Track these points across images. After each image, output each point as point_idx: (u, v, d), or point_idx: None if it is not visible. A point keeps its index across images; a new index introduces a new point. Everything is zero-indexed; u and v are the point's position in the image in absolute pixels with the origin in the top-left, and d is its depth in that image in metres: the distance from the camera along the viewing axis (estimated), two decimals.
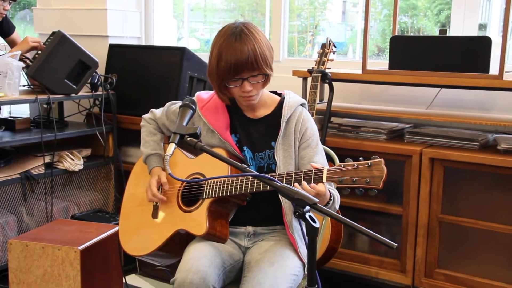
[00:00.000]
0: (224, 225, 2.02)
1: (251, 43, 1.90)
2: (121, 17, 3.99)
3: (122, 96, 3.58)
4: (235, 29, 1.93)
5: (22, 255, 2.52)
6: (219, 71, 1.92)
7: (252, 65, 1.90)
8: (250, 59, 1.89)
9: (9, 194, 3.02)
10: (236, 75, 1.91)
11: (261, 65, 1.91)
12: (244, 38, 1.90)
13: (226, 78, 1.93)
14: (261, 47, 1.91)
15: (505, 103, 2.95)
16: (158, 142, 2.22)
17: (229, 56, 1.89)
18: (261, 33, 1.96)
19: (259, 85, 1.96)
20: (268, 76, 1.97)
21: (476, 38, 2.76)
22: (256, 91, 1.96)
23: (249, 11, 4.22)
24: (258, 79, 1.94)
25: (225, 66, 1.90)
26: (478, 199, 2.72)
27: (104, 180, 3.60)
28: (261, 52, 1.91)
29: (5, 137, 3.07)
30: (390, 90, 3.26)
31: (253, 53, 1.89)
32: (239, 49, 1.88)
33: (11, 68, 3.00)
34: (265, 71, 1.93)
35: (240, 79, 1.92)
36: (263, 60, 1.91)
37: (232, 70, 1.90)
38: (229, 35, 1.91)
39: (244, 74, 1.91)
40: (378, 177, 1.72)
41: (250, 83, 1.93)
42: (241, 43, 1.89)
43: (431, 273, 2.77)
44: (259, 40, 1.92)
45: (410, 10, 3.64)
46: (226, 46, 1.90)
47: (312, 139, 2.04)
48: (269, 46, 1.97)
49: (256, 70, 1.91)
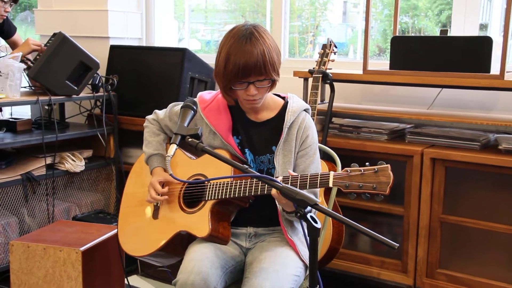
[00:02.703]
0: (226, 226, 2.02)
1: (261, 47, 1.87)
2: (122, 18, 3.99)
3: (123, 97, 3.59)
4: (245, 31, 1.89)
5: (23, 256, 2.53)
6: (226, 73, 1.90)
7: (260, 69, 1.87)
8: (259, 64, 1.86)
9: (10, 195, 3.03)
10: (243, 78, 1.89)
11: (269, 70, 1.89)
12: (255, 41, 1.87)
13: (233, 80, 1.90)
14: (270, 51, 1.88)
15: (506, 103, 2.95)
16: (160, 142, 2.21)
17: (238, 59, 1.86)
18: (270, 37, 1.93)
19: (265, 89, 1.94)
20: (275, 81, 1.95)
21: (477, 38, 2.75)
22: (260, 95, 1.94)
23: (250, 11, 4.22)
24: (264, 84, 1.92)
25: (233, 69, 1.87)
26: (479, 199, 2.72)
27: (105, 181, 3.60)
28: (270, 57, 1.88)
29: (7, 138, 3.07)
30: (391, 91, 3.26)
31: (262, 58, 1.86)
32: (249, 52, 1.85)
33: (12, 69, 3.00)
34: (272, 76, 1.91)
35: (246, 83, 1.90)
36: (271, 65, 1.89)
37: (240, 73, 1.87)
38: (239, 37, 1.88)
39: (251, 78, 1.89)
40: (385, 183, 1.70)
41: (256, 87, 1.91)
42: (251, 46, 1.86)
43: (432, 274, 2.77)
44: (268, 45, 1.89)
45: (411, 10, 3.64)
46: (235, 48, 1.87)
47: (311, 148, 2.03)
48: (278, 51, 1.94)
49: (263, 75, 1.89)
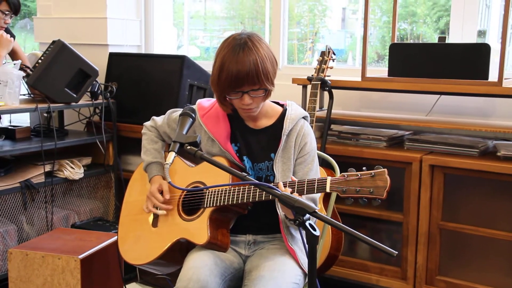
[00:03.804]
0: (225, 234, 2.02)
1: (254, 57, 1.86)
2: (121, 26, 4.00)
3: (122, 105, 3.59)
4: (239, 40, 1.90)
5: (22, 264, 2.52)
6: (220, 83, 1.91)
7: (253, 79, 1.87)
8: (252, 73, 1.86)
9: (9, 203, 3.02)
10: (236, 88, 1.89)
11: (262, 80, 1.88)
12: (248, 51, 1.87)
13: (227, 90, 1.91)
14: (263, 61, 1.88)
15: (505, 110, 2.95)
16: (159, 150, 2.21)
17: (231, 69, 1.86)
18: (265, 46, 1.93)
19: (260, 98, 1.94)
20: (269, 91, 1.95)
21: (475, 45, 2.76)
22: (256, 104, 1.95)
23: (249, 18, 4.23)
24: (259, 93, 1.92)
25: (226, 78, 1.88)
26: (478, 206, 2.72)
27: (104, 189, 3.60)
28: (263, 67, 1.88)
29: (6, 146, 3.07)
30: (389, 97, 3.27)
31: (255, 68, 1.86)
32: (241, 62, 1.85)
33: (11, 77, 3.01)
34: (266, 86, 1.91)
35: (241, 92, 1.90)
36: (265, 75, 1.88)
37: (233, 83, 1.87)
38: (233, 47, 1.88)
39: (245, 87, 1.89)
40: (382, 187, 1.71)
41: (250, 96, 1.91)
42: (243, 56, 1.86)
43: (432, 280, 2.77)
44: (262, 55, 1.88)
45: (409, 17, 3.65)
46: (229, 58, 1.87)
47: (309, 155, 2.03)
48: (273, 60, 1.94)
49: (257, 84, 1.89)
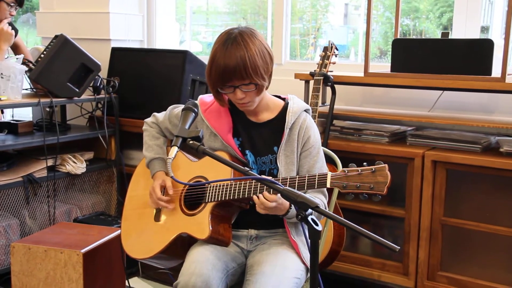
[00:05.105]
0: (227, 228, 2.02)
1: (242, 52, 1.86)
2: (123, 21, 4.00)
3: (124, 99, 3.59)
4: (231, 35, 1.90)
5: (24, 258, 2.53)
6: (211, 77, 1.92)
7: (241, 74, 1.87)
8: (239, 68, 1.86)
9: (12, 197, 3.03)
10: (226, 82, 1.90)
11: (251, 75, 1.87)
12: (236, 46, 1.87)
13: (217, 84, 1.92)
14: (252, 56, 1.87)
15: (507, 106, 2.94)
16: (161, 146, 2.21)
17: (219, 63, 1.87)
18: (257, 41, 1.91)
19: (252, 93, 1.94)
20: (260, 86, 1.93)
21: (478, 41, 2.75)
22: (249, 98, 1.95)
23: (252, 14, 4.23)
24: (250, 88, 1.91)
25: (215, 72, 1.89)
26: (480, 202, 2.72)
27: (106, 183, 3.60)
28: (251, 62, 1.87)
29: (8, 140, 3.07)
30: (392, 93, 3.26)
31: (242, 62, 1.85)
32: (228, 57, 1.86)
33: (14, 71, 3.01)
34: (256, 80, 1.89)
35: (232, 87, 1.91)
36: (253, 70, 1.87)
37: (221, 77, 1.89)
38: (224, 41, 1.89)
39: (235, 82, 1.89)
40: (382, 183, 1.71)
41: (242, 91, 1.91)
42: (231, 51, 1.86)
43: (433, 276, 2.77)
44: (251, 49, 1.87)
45: (412, 13, 3.64)
46: (219, 52, 1.89)
47: (314, 147, 2.03)
48: (264, 55, 1.92)
49: (246, 79, 1.88)
